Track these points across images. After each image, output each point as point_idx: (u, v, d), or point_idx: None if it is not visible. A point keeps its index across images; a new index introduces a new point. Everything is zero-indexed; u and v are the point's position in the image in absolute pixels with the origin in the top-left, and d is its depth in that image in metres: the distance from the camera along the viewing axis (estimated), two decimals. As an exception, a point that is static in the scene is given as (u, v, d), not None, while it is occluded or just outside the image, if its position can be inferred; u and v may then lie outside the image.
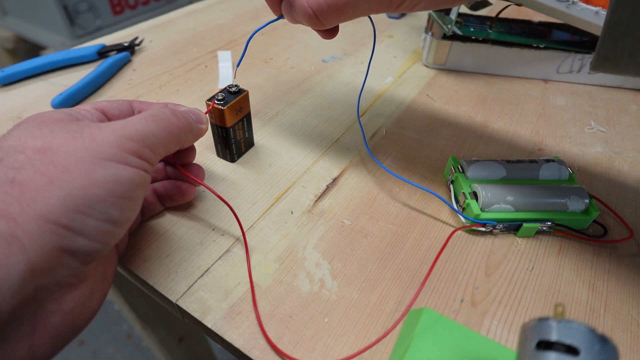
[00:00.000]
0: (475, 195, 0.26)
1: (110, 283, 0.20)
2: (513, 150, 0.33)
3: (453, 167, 0.28)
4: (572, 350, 0.13)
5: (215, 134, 0.29)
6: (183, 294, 0.22)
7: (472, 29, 0.43)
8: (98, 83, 0.39)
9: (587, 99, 0.41)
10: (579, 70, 0.42)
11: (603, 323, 0.21)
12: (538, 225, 0.25)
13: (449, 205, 0.27)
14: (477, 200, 0.25)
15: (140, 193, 0.19)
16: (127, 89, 0.39)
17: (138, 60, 0.44)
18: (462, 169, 0.28)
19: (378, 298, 0.22)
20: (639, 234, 0.26)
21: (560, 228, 0.25)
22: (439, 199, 0.28)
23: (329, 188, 0.29)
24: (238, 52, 0.46)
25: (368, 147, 0.30)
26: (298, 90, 0.40)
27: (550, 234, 0.26)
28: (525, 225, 0.25)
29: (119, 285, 0.53)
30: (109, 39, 0.48)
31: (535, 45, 0.41)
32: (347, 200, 0.28)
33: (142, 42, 0.47)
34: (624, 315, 0.22)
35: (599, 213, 0.26)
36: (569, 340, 0.13)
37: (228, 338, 0.20)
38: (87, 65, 0.43)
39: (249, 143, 0.32)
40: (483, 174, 0.27)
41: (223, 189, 0.28)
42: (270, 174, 0.30)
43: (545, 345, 0.13)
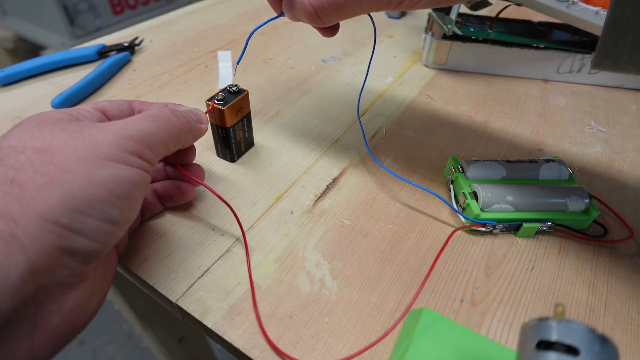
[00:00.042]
0: (475, 195, 0.26)
1: (110, 283, 0.20)
2: (513, 150, 0.33)
3: (453, 167, 0.28)
4: (572, 350, 0.13)
5: (215, 134, 0.29)
6: (183, 294, 0.22)
7: (472, 29, 0.43)
8: (98, 83, 0.39)
9: (587, 99, 0.41)
10: (579, 70, 0.43)
11: (603, 323, 0.21)
12: (538, 225, 0.25)
13: (449, 205, 0.27)
14: (477, 200, 0.25)
15: (140, 193, 0.19)
16: (127, 89, 0.39)
17: (138, 60, 0.44)
18: (462, 169, 0.28)
19: (378, 298, 0.22)
20: (639, 234, 0.26)
21: (560, 228, 0.25)
22: (439, 199, 0.28)
23: (329, 188, 0.29)
24: (238, 52, 0.46)
25: (368, 146, 0.30)
26: (298, 90, 0.40)
27: (550, 234, 0.26)
28: (525, 225, 0.25)
29: (119, 285, 0.53)
30: (109, 39, 0.48)
31: (535, 45, 0.41)
32: (347, 200, 0.28)
33: (142, 42, 0.47)
34: (624, 315, 0.22)
35: (599, 213, 0.26)
36: (569, 340, 0.13)
37: (228, 338, 0.20)
38: (87, 65, 0.43)
39: (249, 143, 0.32)
40: (483, 174, 0.27)
41: (223, 189, 0.28)
42: (270, 174, 0.30)
43: (545, 345, 0.13)
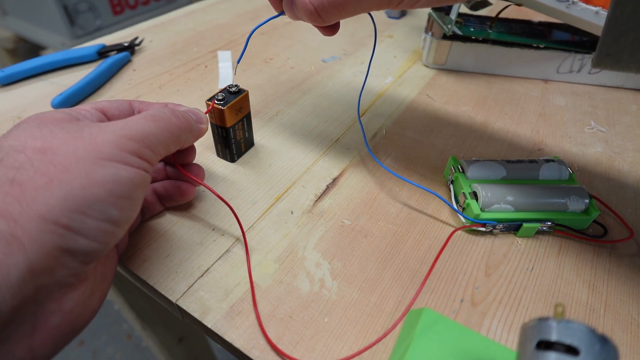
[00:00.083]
0: (475, 195, 0.26)
1: (110, 283, 0.20)
2: (513, 150, 0.33)
3: (453, 167, 0.28)
4: (572, 350, 0.13)
5: (215, 134, 0.29)
6: (183, 294, 0.22)
7: (472, 29, 0.43)
8: (98, 83, 0.39)
9: (587, 99, 0.41)
10: (579, 70, 0.43)
11: (603, 323, 0.21)
12: (538, 225, 0.25)
13: (449, 205, 0.27)
14: (477, 200, 0.25)
15: (140, 193, 0.19)
16: (127, 89, 0.39)
17: (138, 60, 0.44)
18: (462, 169, 0.28)
19: (378, 298, 0.22)
20: (639, 234, 0.26)
21: (560, 228, 0.25)
22: (439, 199, 0.28)
23: (329, 188, 0.29)
24: (238, 52, 0.46)
25: (369, 146, 0.30)
26: (298, 90, 0.40)
27: (550, 234, 0.26)
28: (525, 225, 0.25)
29: (119, 285, 0.53)
30: (109, 39, 0.48)
31: (535, 45, 0.41)
32: (347, 200, 0.28)
33: (142, 42, 0.47)
34: (624, 315, 0.22)
35: (599, 213, 0.26)
36: (569, 340, 0.13)
37: (228, 338, 0.20)
38: (87, 65, 0.43)
39: (249, 143, 0.32)
40: (483, 174, 0.27)
41: (223, 189, 0.28)
42: (270, 174, 0.30)
43: (545, 345, 0.13)
